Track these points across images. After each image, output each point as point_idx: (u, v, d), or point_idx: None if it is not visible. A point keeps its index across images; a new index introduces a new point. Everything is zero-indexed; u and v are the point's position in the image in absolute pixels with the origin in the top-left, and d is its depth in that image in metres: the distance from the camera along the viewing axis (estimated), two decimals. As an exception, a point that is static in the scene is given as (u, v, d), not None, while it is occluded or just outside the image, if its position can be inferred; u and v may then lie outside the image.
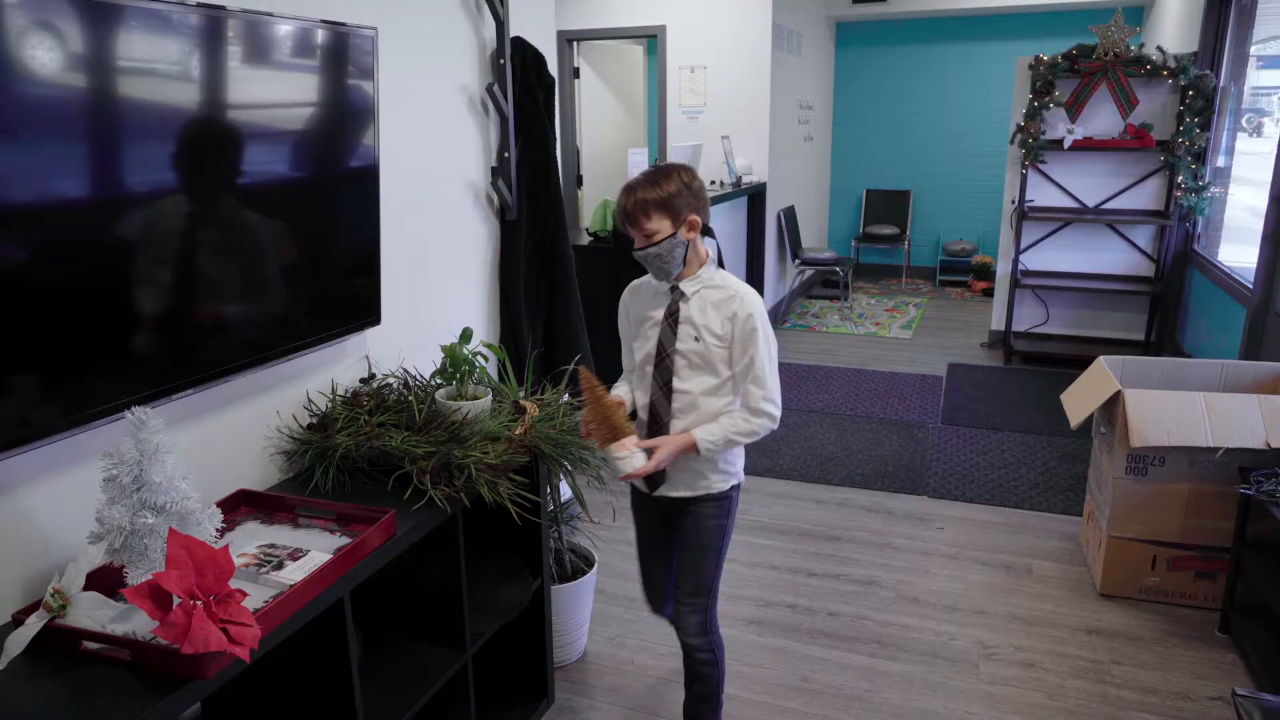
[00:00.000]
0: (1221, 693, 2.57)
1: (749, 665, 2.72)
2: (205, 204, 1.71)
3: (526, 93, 2.81)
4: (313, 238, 2.00)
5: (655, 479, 2.09)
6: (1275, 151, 3.87)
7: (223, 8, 1.66)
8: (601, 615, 2.99)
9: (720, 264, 2.04)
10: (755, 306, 1.96)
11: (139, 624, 1.37)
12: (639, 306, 2.14)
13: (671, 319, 2.03)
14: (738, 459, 2.12)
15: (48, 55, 1.37)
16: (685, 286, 2.03)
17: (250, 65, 1.75)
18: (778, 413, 2.00)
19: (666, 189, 1.94)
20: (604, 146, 7.12)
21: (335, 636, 1.67)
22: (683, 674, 2.23)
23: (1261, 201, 4.02)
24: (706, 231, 2.04)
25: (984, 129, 8.13)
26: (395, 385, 2.27)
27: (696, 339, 2.00)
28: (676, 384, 2.03)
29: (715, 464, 2.06)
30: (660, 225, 1.96)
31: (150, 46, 1.53)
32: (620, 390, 2.15)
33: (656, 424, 2.06)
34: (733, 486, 2.12)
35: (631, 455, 1.96)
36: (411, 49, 2.40)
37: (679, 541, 2.15)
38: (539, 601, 2.41)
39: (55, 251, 1.43)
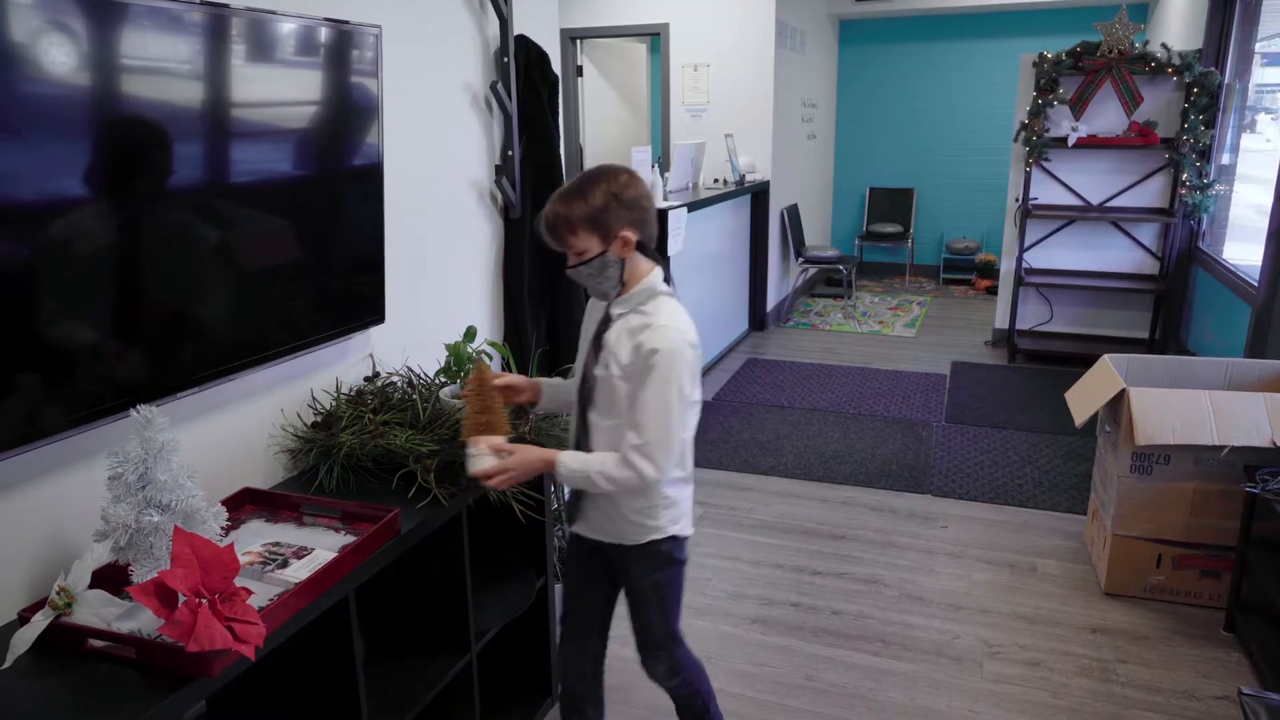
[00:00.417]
0: (1227, 692, 2.57)
1: (753, 664, 2.72)
2: (208, 202, 1.71)
3: (530, 91, 2.81)
4: (317, 236, 2.00)
5: (573, 513, 1.91)
6: (1281, 149, 3.86)
7: (226, 5, 1.66)
8: (605, 613, 2.99)
9: (670, 285, 1.80)
10: (666, 342, 1.67)
11: (144, 622, 1.38)
12: (588, 320, 1.90)
13: (597, 342, 1.79)
14: (663, 512, 1.83)
15: (52, 53, 1.37)
16: (615, 309, 1.78)
17: (254, 63, 1.75)
18: (652, 473, 1.70)
19: (591, 203, 1.68)
20: (607, 145, 7.12)
21: (340, 634, 1.67)
22: None
23: (1266, 199, 4.01)
24: (642, 248, 1.76)
25: (988, 127, 8.12)
26: (399, 383, 2.27)
27: (608, 367, 1.75)
28: (590, 414, 1.80)
29: (626, 513, 1.81)
30: (587, 243, 1.71)
31: (154, 45, 1.53)
32: (550, 380, 1.97)
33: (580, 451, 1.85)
34: (664, 539, 1.84)
35: (480, 455, 1.74)
36: (415, 47, 2.40)
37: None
38: (543, 600, 2.41)
39: (58, 249, 1.43)
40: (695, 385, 1.78)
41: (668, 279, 1.82)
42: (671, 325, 1.71)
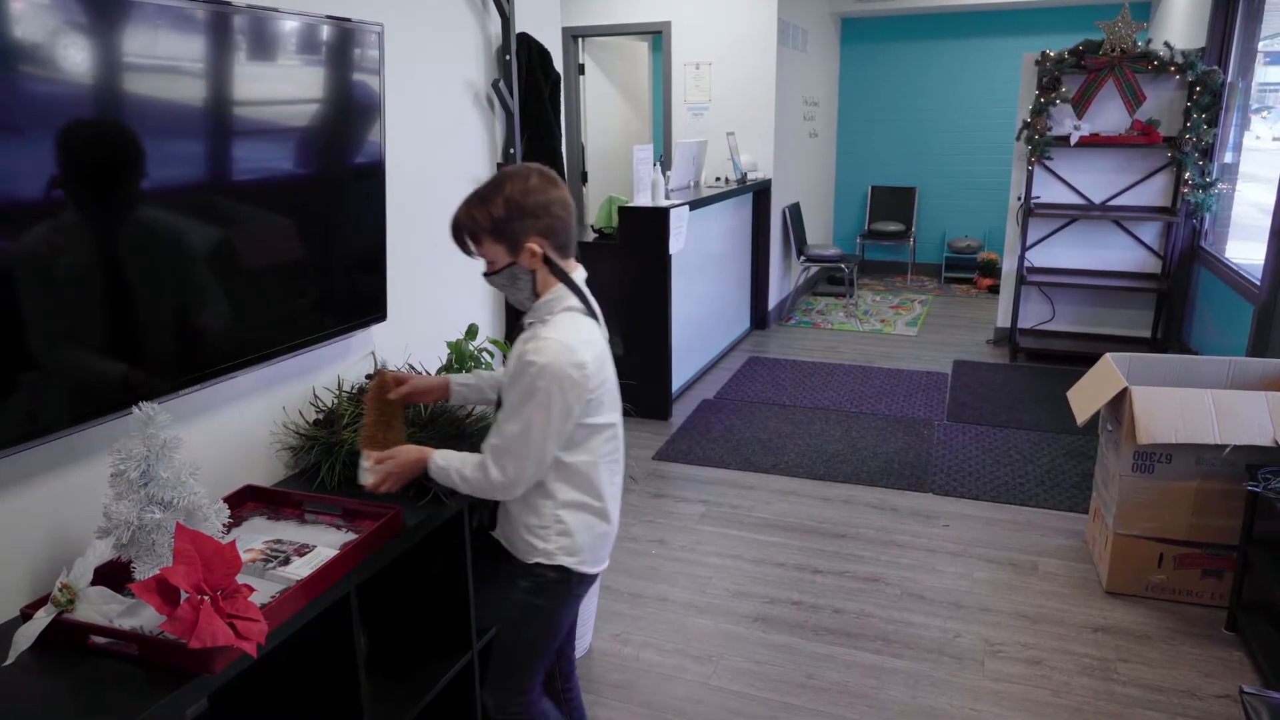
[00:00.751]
0: (1228, 691, 2.57)
1: (754, 662, 2.72)
2: (210, 199, 1.71)
3: (532, 89, 2.81)
4: (319, 234, 2.00)
5: (493, 516, 1.85)
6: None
7: (229, 3, 1.66)
8: (607, 612, 2.99)
9: (582, 299, 1.67)
10: (544, 357, 1.55)
11: (146, 618, 1.38)
12: None
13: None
14: (555, 537, 1.70)
15: (55, 51, 1.37)
16: (526, 319, 1.69)
17: (256, 61, 1.75)
18: (499, 478, 1.61)
19: (493, 211, 1.59)
20: (609, 143, 7.12)
21: (341, 632, 1.67)
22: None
23: (1269, 197, 4.01)
24: (550, 261, 1.63)
25: (990, 125, 8.11)
26: (401, 381, 2.27)
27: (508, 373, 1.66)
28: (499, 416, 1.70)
29: (518, 526, 1.73)
30: (493, 253, 1.62)
31: (157, 43, 1.53)
32: (462, 377, 1.90)
33: None
34: (551, 566, 1.71)
35: (364, 469, 1.73)
36: (418, 45, 2.40)
37: None
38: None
39: (60, 247, 1.43)
40: (592, 407, 1.64)
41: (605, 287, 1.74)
42: (559, 341, 1.58)
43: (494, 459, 1.62)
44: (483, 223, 1.60)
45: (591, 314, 1.68)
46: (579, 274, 1.71)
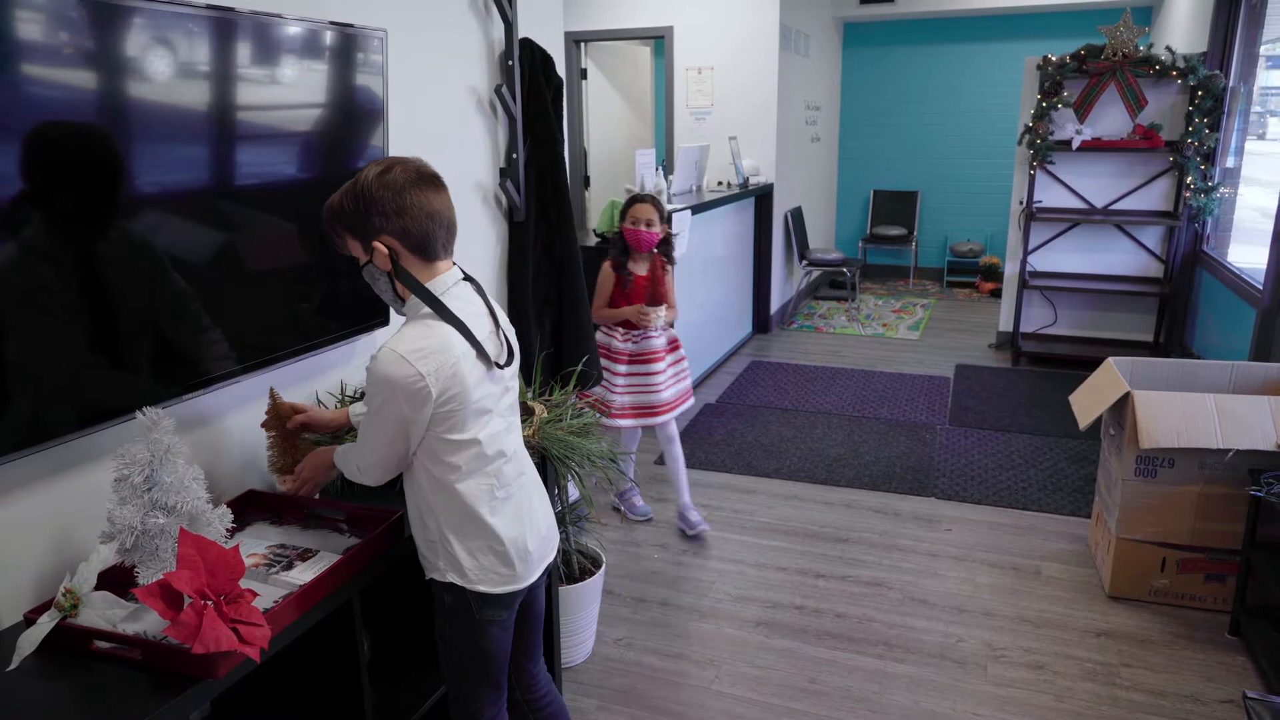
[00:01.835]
0: (1232, 695, 2.56)
1: (757, 667, 2.71)
2: (214, 204, 1.71)
3: (534, 94, 2.81)
4: (322, 239, 2.01)
5: None
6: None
7: (232, 9, 1.66)
8: (609, 616, 2.99)
9: (440, 306, 1.55)
10: (380, 365, 1.48)
11: (150, 623, 1.38)
12: None
13: None
14: (441, 551, 1.64)
15: (61, 57, 1.37)
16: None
17: (261, 66, 1.76)
18: (356, 476, 1.63)
19: (345, 202, 1.50)
20: (611, 147, 7.12)
21: (344, 636, 1.68)
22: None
23: (1271, 202, 4.01)
24: (396, 259, 1.53)
25: (992, 129, 8.12)
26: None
27: None
28: None
29: (420, 541, 1.68)
30: (353, 248, 1.54)
31: (162, 48, 1.53)
32: (358, 408, 1.87)
33: None
34: (444, 584, 1.65)
35: (282, 489, 1.82)
36: (420, 50, 2.40)
37: None
38: (547, 602, 2.41)
39: (65, 252, 1.43)
40: (452, 421, 1.54)
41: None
42: (393, 350, 1.48)
43: (347, 454, 1.67)
44: (337, 212, 1.52)
45: (453, 322, 1.54)
46: (447, 277, 1.58)
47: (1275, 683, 2.52)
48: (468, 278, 1.66)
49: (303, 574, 1.59)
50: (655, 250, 3.37)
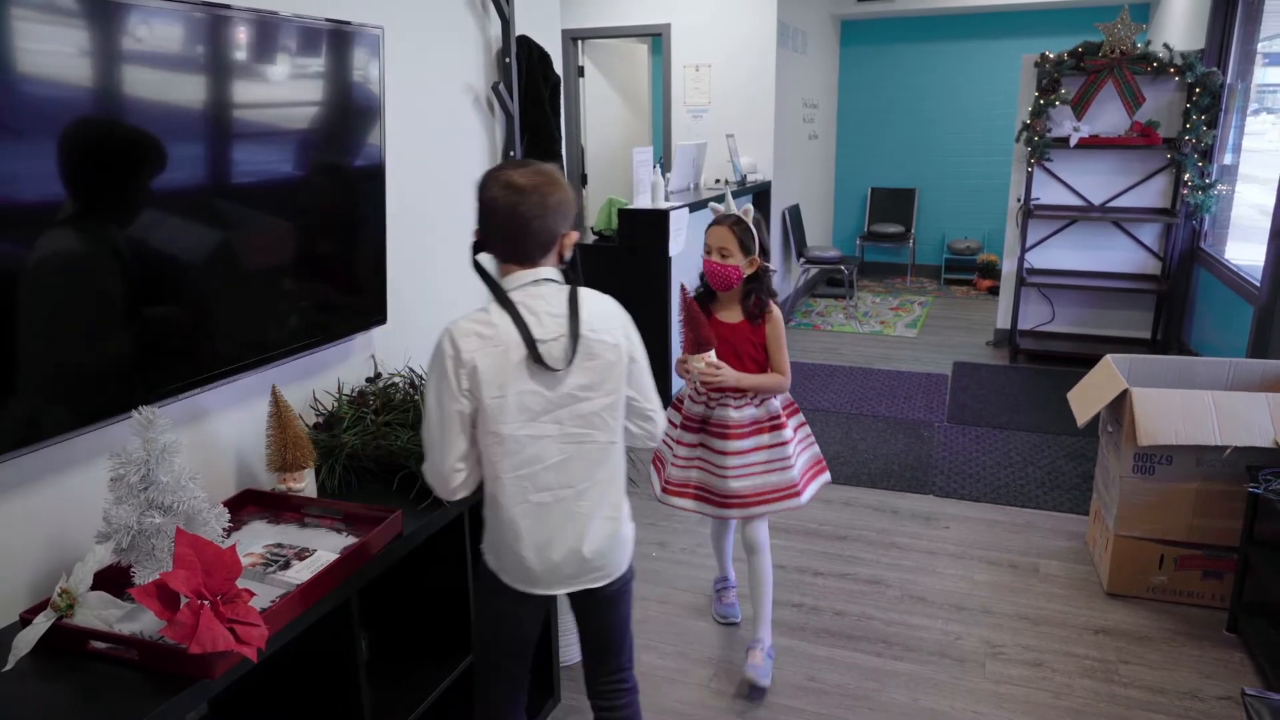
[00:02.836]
0: (1230, 692, 2.56)
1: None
2: (210, 203, 1.71)
3: (532, 91, 2.81)
4: (319, 237, 2.00)
5: None
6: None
7: (229, 6, 1.66)
8: (607, 614, 2.98)
9: (499, 298, 1.67)
10: (439, 337, 1.64)
11: (146, 623, 1.38)
12: None
13: None
14: (486, 532, 1.73)
15: (55, 55, 1.37)
16: None
17: (256, 64, 1.75)
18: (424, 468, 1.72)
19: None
20: (609, 145, 7.12)
21: (342, 636, 1.67)
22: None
23: (1268, 199, 4.01)
24: (481, 247, 1.68)
25: (989, 127, 8.12)
26: (401, 384, 2.27)
27: None
28: None
29: None
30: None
31: (156, 45, 1.53)
32: None
33: None
34: (481, 556, 1.78)
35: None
36: (417, 48, 2.40)
37: None
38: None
39: (59, 250, 1.43)
40: (482, 410, 1.59)
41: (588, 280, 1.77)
42: (455, 321, 1.62)
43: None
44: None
45: (513, 313, 1.62)
46: (529, 275, 1.66)
47: (1273, 679, 2.52)
48: (570, 279, 1.71)
49: (300, 573, 1.58)
50: (745, 292, 2.56)
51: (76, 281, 1.46)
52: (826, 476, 2.75)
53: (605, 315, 1.72)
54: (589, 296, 1.72)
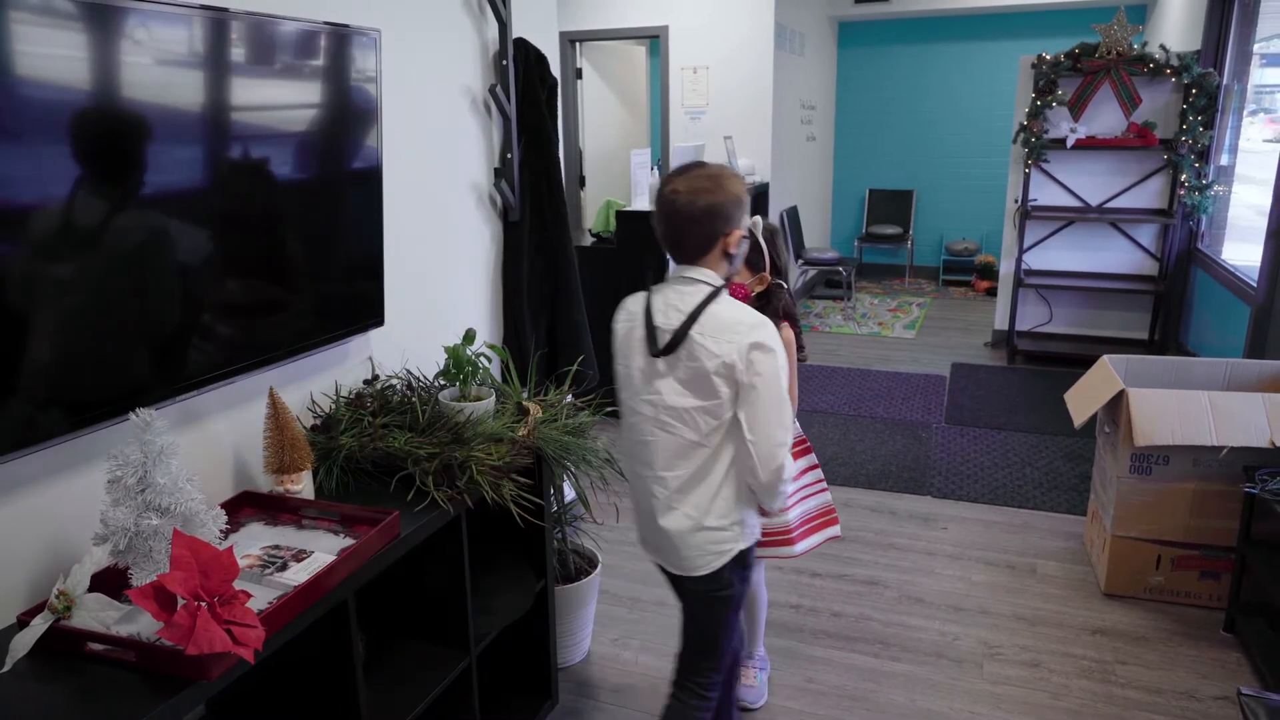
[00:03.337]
0: (1227, 692, 2.57)
1: (753, 665, 2.71)
2: (206, 206, 1.71)
3: (529, 94, 2.81)
4: (316, 239, 2.00)
5: None
6: (1279, 149, 3.86)
7: (226, 9, 1.66)
8: (605, 616, 2.99)
9: (660, 292, 1.85)
10: None
11: (144, 625, 1.38)
12: None
13: None
14: None
15: (52, 57, 1.37)
16: None
17: (254, 67, 1.75)
18: None
19: None
20: (607, 147, 7.12)
21: (339, 637, 1.67)
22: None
23: (1265, 199, 4.02)
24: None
25: (987, 128, 8.13)
26: (398, 386, 2.27)
27: None
28: None
29: None
30: None
31: (153, 48, 1.53)
32: None
33: None
34: None
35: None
36: (414, 50, 2.40)
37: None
38: (542, 603, 2.41)
39: (55, 253, 1.43)
40: (622, 362, 1.87)
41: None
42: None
43: None
44: None
45: (648, 299, 1.82)
46: (680, 271, 1.81)
47: (1270, 679, 2.53)
48: (716, 292, 1.77)
49: (297, 575, 1.58)
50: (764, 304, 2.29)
51: (73, 283, 1.46)
52: (835, 530, 2.52)
53: (725, 326, 1.73)
54: (725, 306, 1.76)
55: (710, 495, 1.79)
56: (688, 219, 1.73)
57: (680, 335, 1.73)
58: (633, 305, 1.86)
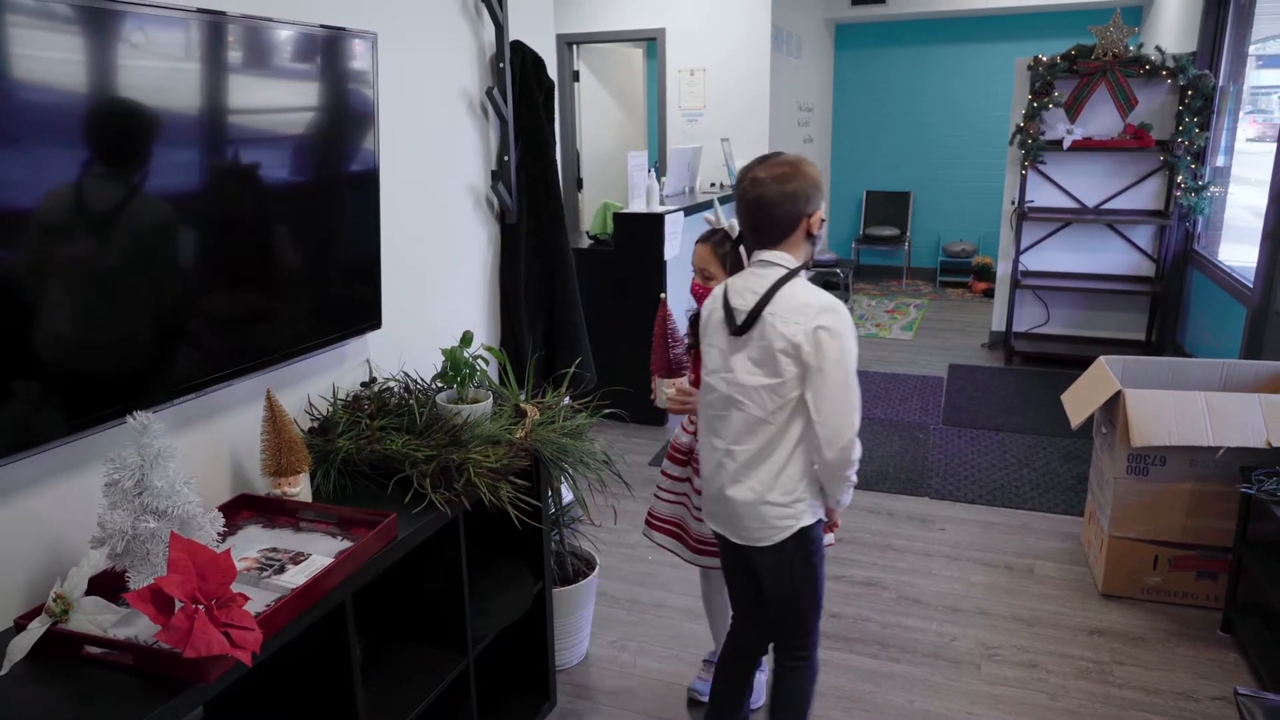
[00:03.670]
0: (1224, 692, 2.57)
1: (751, 667, 2.71)
2: (204, 209, 1.71)
3: (526, 96, 2.81)
4: (313, 242, 2.00)
5: None
6: (1275, 150, 3.87)
7: (223, 13, 1.66)
8: (603, 618, 2.99)
9: (740, 279, 2.00)
10: None
11: (141, 628, 1.38)
12: None
13: None
14: None
15: (48, 59, 1.37)
16: None
17: (250, 70, 1.76)
18: None
19: None
20: (604, 149, 7.13)
21: (337, 640, 1.67)
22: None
23: (1261, 200, 4.02)
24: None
25: (983, 130, 8.14)
26: (396, 389, 2.27)
27: None
28: None
29: None
30: None
31: (150, 51, 1.53)
32: None
33: None
34: None
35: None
36: (411, 53, 2.40)
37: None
38: (540, 605, 2.41)
39: (52, 255, 1.43)
40: (706, 342, 1.99)
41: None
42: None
43: None
44: None
45: (729, 283, 1.94)
46: (759, 255, 1.91)
47: (1267, 679, 2.53)
48: (791, 274, 1.87)
49: (295, 577, 1.58)
50: None
51: (69, 287, 1.46)
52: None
53: (796, 309, 1.82)
54: (798, 288, 1.85)
55: (775, 472, 1.87)
56: (770, 203, 1.84)
57: (754, 315, 1.84)
58: (719, 291, 1.97)
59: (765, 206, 1.85)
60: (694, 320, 2.23)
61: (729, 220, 2.28)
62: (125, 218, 1.54)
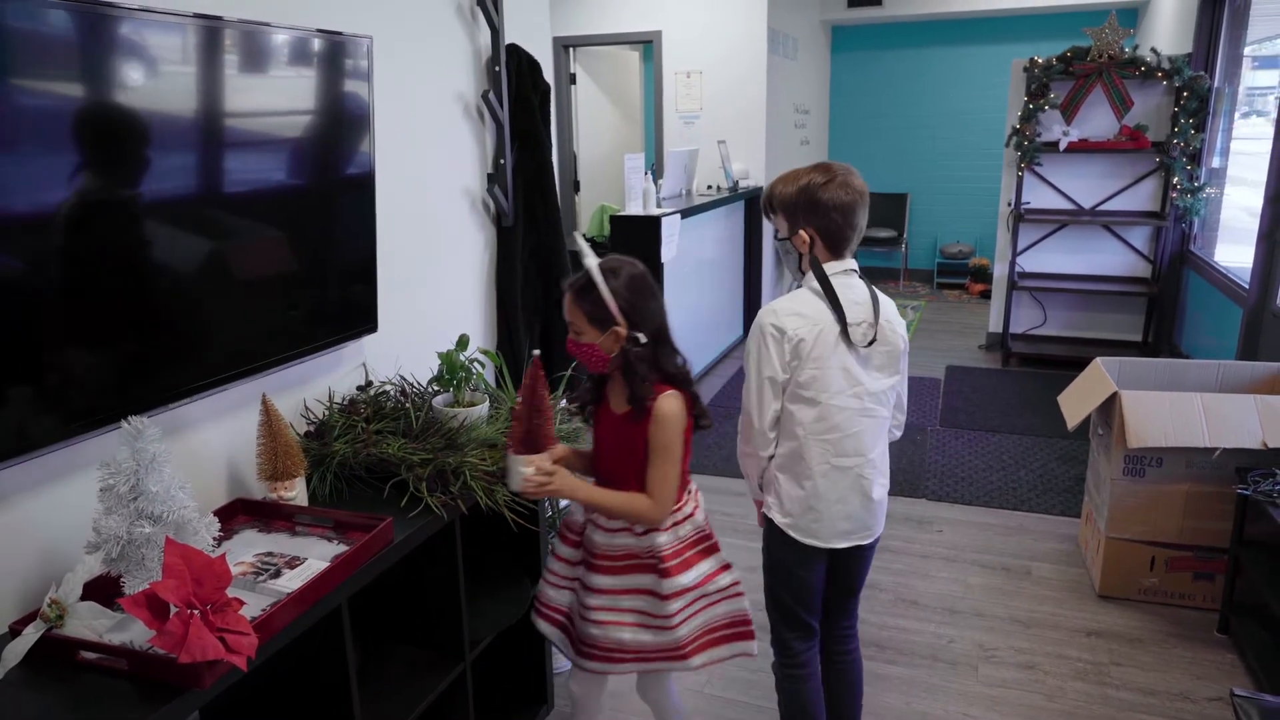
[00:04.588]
0: (1221, 693, 2.57)
1: (749, 670, 2.71)
2: (200, 212, 1.71)
3: (522, 99, 2.81)
4: (309, 246, 2.00)
5: None
6: (1270, 152, 3.88)
7: (219, 18, 1.66)
8: (601, 621, 2.98)
9: (827, 288, 1.93)
10: (760, 318, 1.96)
11: (136, 633, 1.38)
12: None
13: None
14: (773, 493, 2.08)
15: (46, 64, 1.37)
16: None
17: (247, 74, 1.76)
18: (739, 445, 2.18)
19: (789, 192, 1.95)
20: (601, 152, 7.13)
21: (333, 644, 1.67)
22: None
23: (1257, 201, 4.03)
24: (812, 252, 1.98)
25: (980, 132, 8.15)
26: (392, 392, 2.27)
27: None
28: None
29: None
30: (779, 224, 1.98)
31: (147, 56, 1.53)
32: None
33: None
34: (769, 519, 2.12)
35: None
36: (407, 57, 2.40)
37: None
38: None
39: (49, 260, 1.43)
40: (800, 376, 1.86)
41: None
42: (770, 307, 1.90)
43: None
44: (779, 198, 1.91)
45: (831, 300, 1.86)
46: (840, 266, 1.89)
47: (1263, 680, 2.53)
48: (861, 275, 1.93)
49: (291, 582, 1.58)
50: (626, 376, 1.85)
51: (65, 292, 1.46)
52: (747, 645, 2.03)
53: (892, 308, 1.95)
54: (871, 287, 1.94)
55: (887, 461, 2.02)
56: (863, 214, 1.91)
57: (877, 323, 1.88)
58: (800, 308, 1.86)
59: (862, 213, 1.90)
60: (597, 380, 1.95)
61: (597, 261, 1.86)
62: (119, 221, 1.54)
